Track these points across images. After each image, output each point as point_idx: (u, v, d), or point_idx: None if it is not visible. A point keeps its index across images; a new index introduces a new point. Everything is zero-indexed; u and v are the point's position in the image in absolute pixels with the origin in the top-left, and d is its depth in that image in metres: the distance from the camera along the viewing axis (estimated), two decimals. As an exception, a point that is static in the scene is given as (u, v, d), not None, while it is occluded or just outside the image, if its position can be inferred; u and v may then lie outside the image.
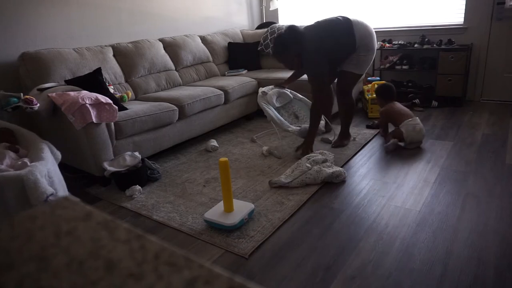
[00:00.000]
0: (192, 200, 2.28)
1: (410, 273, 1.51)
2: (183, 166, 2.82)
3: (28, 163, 1.82)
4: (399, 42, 4.19)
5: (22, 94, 2.35)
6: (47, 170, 1.80)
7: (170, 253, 0.34)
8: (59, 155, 2.08)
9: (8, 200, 1.65)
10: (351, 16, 2.69)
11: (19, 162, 1.85)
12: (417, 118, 2.85)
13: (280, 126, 2.83)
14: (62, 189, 1.93)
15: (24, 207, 1.67)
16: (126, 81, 3.32)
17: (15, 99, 2.32)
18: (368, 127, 3.40)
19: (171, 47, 3.73)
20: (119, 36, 3.49)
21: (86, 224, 0.39)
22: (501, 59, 3.83)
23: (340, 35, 2.59)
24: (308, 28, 2.67)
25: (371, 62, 2.76)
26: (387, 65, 4.24)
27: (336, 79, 2.92)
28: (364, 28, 2.62)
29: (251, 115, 3.97)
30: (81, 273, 0.32)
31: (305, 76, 3.65)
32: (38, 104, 2.30)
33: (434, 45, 3.95)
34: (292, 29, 2.62)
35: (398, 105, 2.98)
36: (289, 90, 3.14)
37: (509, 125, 3.19)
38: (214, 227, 1.94)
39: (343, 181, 2.37)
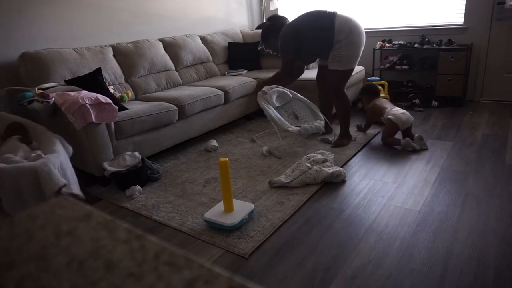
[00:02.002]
0: (192, 200, 2.28)
1: (410, 273, 1.51)
2: (183, 166, 2.82)
3: (42, 155, 1.85)
4: (399, 42, 4.19)
5: (36, 88, 2.37)
6: (59, 162, 1.84)
7: (170, 253, 0.34)
8: (70, 149, 2.12)
9: (23, 190, 1.69)
10: (343, 13, 2.74)
11: (33, 154, 1.89)
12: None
13: (280, 126, 2.83)
14: (74, 182, 1.96)
15: (38, 197, 1.71)
16: (126, 81, 3.32)
17: (30, 93, 2.34)
18: (358, 128, 3.33)
19: (171, 47, 3.73)
20: (119, 36, 3.49)
21: (86, 224, 0.39)
22: (501, 59, 3.83)
23: (319, 26, 2.70)
24: (295, 18, 2.86)
25: (358, 57, 2.77)
26: (387, 65, 4.24)
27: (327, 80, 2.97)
28: (345, 22, 2.66)
29: (251, 115, 3.96)
30: (81, 273, 0.32)
31: (304, 76, 3.66)
32: (53, 99, 2.31)
33: (434, 45, 3.95)
34: (273, 17, 3.01)
35: (381, 100, 3.20)
36: (289, 90, 3.14)
37: (509, 125, 3.19)
38: (214, 227, 1.94)
39: (343, 181, 2.37)
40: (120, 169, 2.42)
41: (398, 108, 2.98)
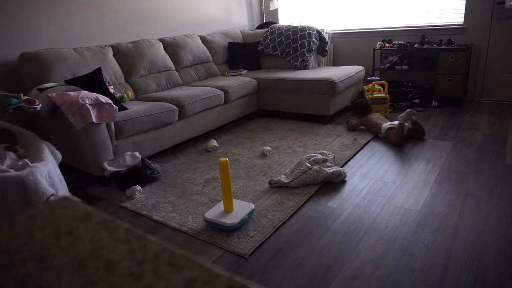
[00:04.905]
0: (192, 200, 2.27)
1: (410, 273, 1.50)
2: (183, 166, 2.82)
3: (29, 164, 1.82)
4: (399, 42, 4.19)
5: (22, 94, 2.35)
6: (47, 171, 1.80)
7: (170, 253, 0.34)
8: (59, 155, 2.07)
9: (8, 200, 1.64)
10: None
11: (20, 163, 1.85)
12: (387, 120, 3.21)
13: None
14: (62, 189, 1.93)
15: (24, 208, 1.66)
16: (126, 81, 3.32)
17: (16, 99, 2.32)
18: (347, 124, 3.44)
19: (171, 47, 3.73)
20: (119, 36, 3.49)
21: (86, 224, 0.39)
22: (501, 59, 3.83)
23: None
24: None
25: None
26: (387, 65, 4.24)
27: None
28: None
29: (251, 115, 3.97)
30: (81, 273, 0.32)
31: (304, 75, 3.64)
32: (40, 105, 2.30)
33: (434, 45, 3.95)
34: None
35: (375, 116, 3.31)
36: None
37: (509, 125, 3.19)
38: (214, 227, 1.94)
39: (343, 181, 2.37)
40: (120, 169, 2.42)
41: (390, 122, 3.11)
